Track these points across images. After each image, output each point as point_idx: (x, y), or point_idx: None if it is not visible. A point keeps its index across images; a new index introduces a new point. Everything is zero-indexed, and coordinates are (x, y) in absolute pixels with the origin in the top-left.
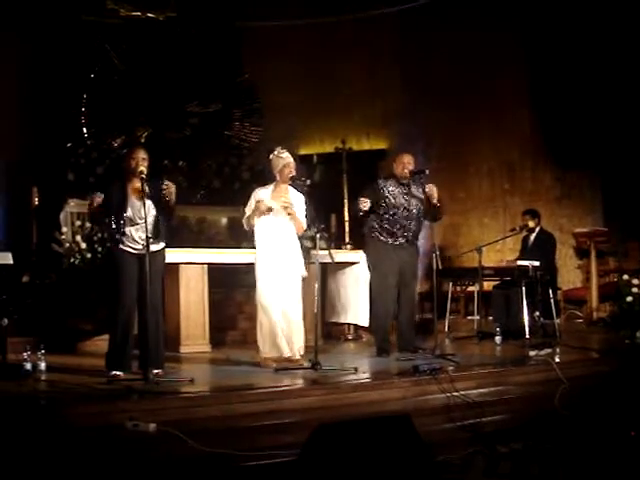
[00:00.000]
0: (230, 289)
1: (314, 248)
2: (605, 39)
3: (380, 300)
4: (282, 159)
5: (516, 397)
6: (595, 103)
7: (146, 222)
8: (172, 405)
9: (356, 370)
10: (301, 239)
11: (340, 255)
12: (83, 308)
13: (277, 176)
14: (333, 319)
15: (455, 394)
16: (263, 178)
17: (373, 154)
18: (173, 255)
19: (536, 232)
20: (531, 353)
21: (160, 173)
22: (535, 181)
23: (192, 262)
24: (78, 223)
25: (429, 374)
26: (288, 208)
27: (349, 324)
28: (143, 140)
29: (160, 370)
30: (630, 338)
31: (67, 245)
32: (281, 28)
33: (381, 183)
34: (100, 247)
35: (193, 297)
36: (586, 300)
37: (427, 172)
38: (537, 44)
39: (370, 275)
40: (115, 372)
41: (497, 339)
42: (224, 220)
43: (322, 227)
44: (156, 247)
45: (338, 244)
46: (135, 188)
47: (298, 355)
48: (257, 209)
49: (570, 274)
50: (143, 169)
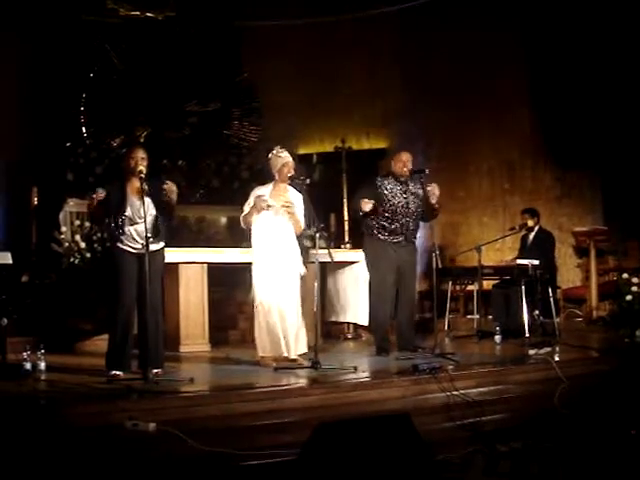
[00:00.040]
0: (230, 288)
1: (313, 247)
2: (605, 39)
3: (379, 299)
4: (281, 158)
5: (516, 396)
6: (595, 103)
7: (145, 221)
8: (172, 404)
9: (356, 369)
10: (301, 238)
11: (339, 254)
12: (83, 308)
13: (276, 175)
14: (333, 318)
15: (455, 393)
16: (262, 177)
17: (373, 153)
18: (173, 255)
19: (535, 231)
20: (531, 352)
21: (159, 172)
22: (535, 180)
23: (192, 262)
24: (77, 223)
25: (429, 373)
26: (289, 207)
27: (349, 323)
28: (142, 140)
29: (160, 370)
30: (630, 337)
31: (66, 245)
32: (280, 27)
33: (379, 181)
34: (100, 247)
35: (193, 297)
36: (586, 299)
37: (427, 171)
38: (537, 44)
39: (369, 274)
40: (115, 372)
41: (497, 338)
42: (223, 219)
43: (322, 226)
44: (156, 246)
45: (338, 243)
46: (134, 187)
47: (295, 355)
48: (255, 205)
49: (570, 273)
50: (142, 169)
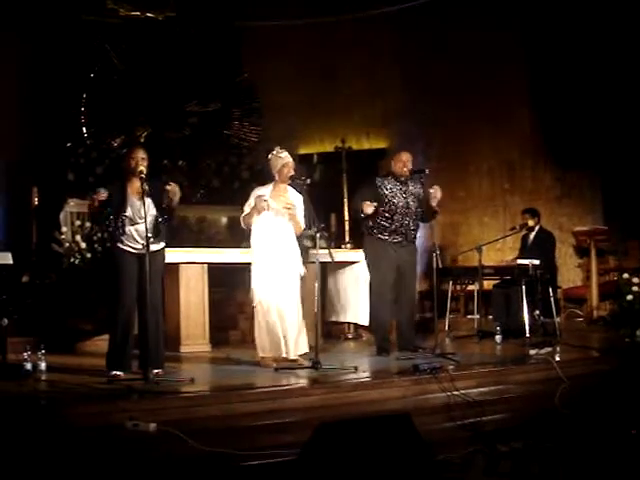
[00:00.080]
0: (230, 289)
1: (314, 247)
2: (605, 39)
3: (380, 299)
4: (281, 159)
5: (516, 396)
6: (595, 103)
7: (146, 222)
8: (172, 405)
9: (356, 369)
10: (301, 238)
11: (340, 254)
12: (83, 308)
13: (276, 176)
14: (333, 318)
15: (455, 393)
16: (262, 177)
17: (373, 153)
18: (173, 255)
19: (535, 231)
20: (531, 352)
21: (160, 173)
22: (535, 180)
23: (192, 262)
24: (78, 223)
25: (429, 373)
26: (291, 209)
27: (349, 323)
28: (142, 140)
29: (160, 370)
30: (630, 337)
31: (67, 245)
32: (281, 28)
33: (379, 181)
34: (100, 247)
35: (193, 297)
36: (586, 299)
37: (427, 171)
38: (537, 44)
39: (369, 274)
40: (115, 372)
41: (497, 338)
42: (224, 219)
43: (322, 226)
44: (156, 247)
45: (338, 243)
46: (135, 188)
47: (295, 355)
48: (256, 206)
49: (570, 273)
50: (142, 169)
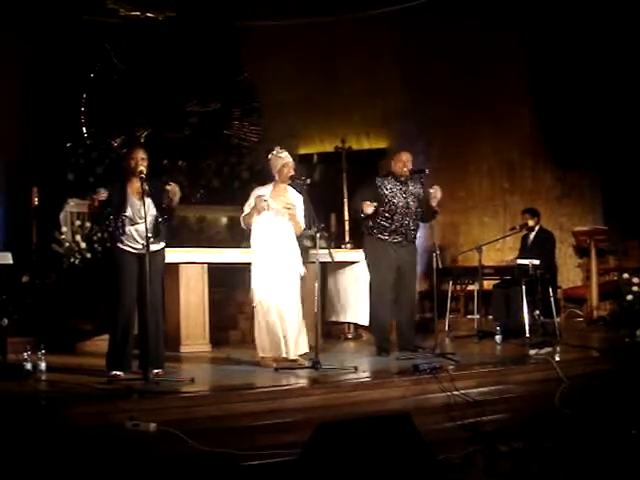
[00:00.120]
0: (230, 289)
1: (314, 247)
2: (605, 39)
3: (380, 299)
4: (281, 159)
5: (516, 396)
6: (595, 103)
7: (146, 222)
8: (172, 405)
9: (356, 369)
10: (301, 238)
11: (340, 254)
12: (83, 308)
13: (276, 176)
14: (333, 318)
15: (455, 393)
16: (262, 177)
17: (373, 153)
18: (173, 255)
19: (535, 231)
20: (531, 352)
21: (160, 173)
22: (535, 180)
23: (192, 262)
24: (78, 223)
25: (429, 373)
26: (291, 209)
27: (349, 323)
28: (143, 140)
29: (160, 370)
30: (630, 337)
31: (67, 245)
32: (280, 27)
33: (379, 181)
34: (100, 247)
35: (193, 297)
36: (586, 299)
37: (427, 171)
38: (538, 44)
39: (369, 274)
40: (115, 372)
41: (497, 338)
42: (224, 219)
43: (322, 226)
44: (156, 247)
45: (338, 243)
46: (135, 188)
47: (295, 355)
48: (256, 206)
49: (570, 273)
50: (142, 169)
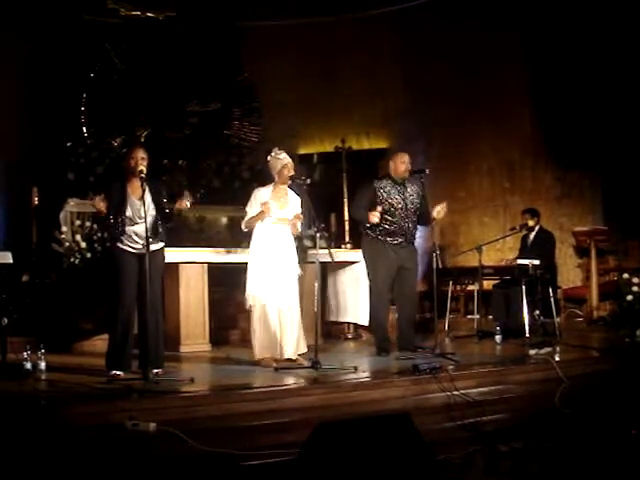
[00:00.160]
0: (230, 288)
1: (314, 247)
2: (605, 39)
3: (379, 299)
4: (280, 160)
5: (516, 396)
6: (596, 103)
7: (146, 222)
8: (172, 404)
9: (356, 369)
10: (301, 239)
11: (340, 254)
12: (83, 307)
13: (276, 177)
14: (333, 318)
15: (455, 393)
16: (263, 177)
17: (373, 153)
18: (173, 254)
19: (536, 231)
20: (531, 352)
21: (160, 173)
22: (535, 180)
23: (192, 261)
24: (78, 222)
25: (429, 373)
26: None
27: (349, 323)
28: (143, 139)
29: (160, 369)
30: (630, 337)
31: (67, 245)
32: (280, 27)
33: (376, 184)
34: (100, 246)
35: (193, 296)
36: (586, 299)
37: (427, 171)
38: (538, 44)
39: (369, 274)
40: (115, 372)
41: (497, 338)
42: (224, 219)
43: (322, 226)
44: (155, 246)
45: (338, 243)
46: (135, 188)
47: (294, 355)
48: (262, 212)
49: (570, 273)
50: (143, 168)
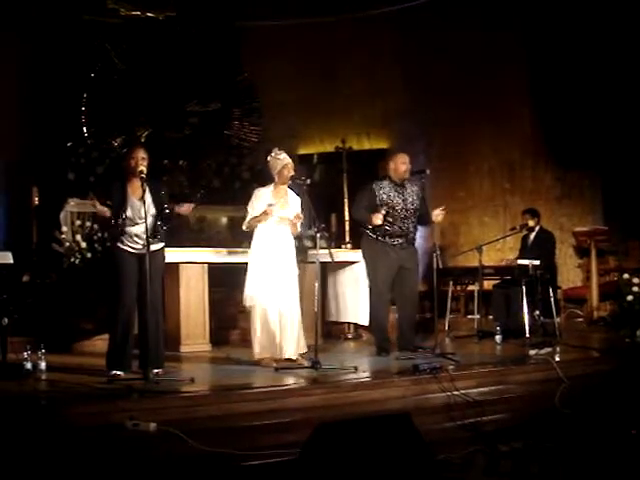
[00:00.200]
0: (230, 288)
1: (314, 248)
2: (605, 39)
3: (379, 299)
4: (280, 160)
5: (516, 396)
6: (596, 103)
7: (146, 222)
8: (172, 404)
9: (356, 369)
10: (301, 239)
11: (340, 254)
12: (83, 308)
13: (276, 177)
14: (333, 318)
15: (455, 393)
16: (263, 177)
17: (373, 154)
18: (173, 254)
19: (536, 231)
20: (531, 352)
21: (160, 173)
22: (535, 180)
23: (192, 261)
24: (78, 222)
25: (429, 373)
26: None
27: (349, 323)
28: (143, 139)
29: (160, 369)
30: (630, 337)
31: (67, 245)
32: (280, 27)
33: (376, 186)
34: (100, 246)
35: (193, 296)
36: (586, 299)
37: (427, 172)
38: (538, 44)
39: (368, 274)
40: (115, 372)
41: (497, 338)
42: (224, 219)
43: (322, 226)
44: (155, 247)
45: (338, 243)
46: (135, 188)
47: (294, 355)
48: (265, 214)
49: (570, 273)
50: (143, 168)
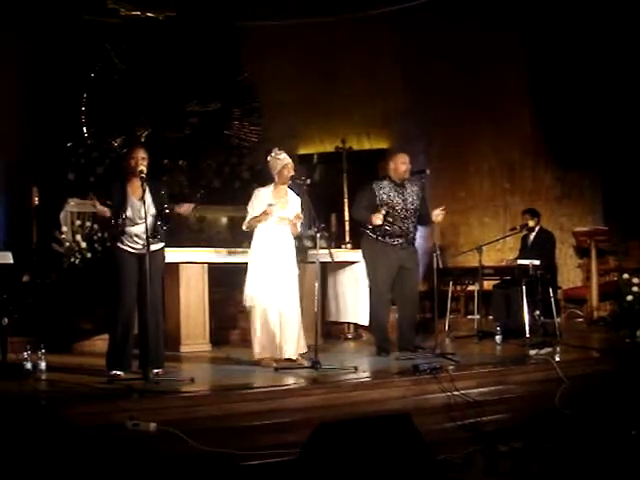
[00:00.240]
0: (230, 288)
1: (314, 248)
2: (605, 39)
3: (379, 299)
4: (280, 160)
5: (516, 396)
6: (596, 103)
7: (146, 222)
8: (172, 404)
9: (356, 369)
10: (301, 238)
11: (340, 254)
12: (83, 307)
13: (276, 177)
14: (333, 318)
15: (455, 393)
16: (263, 177)
17: (373, 154)
18: (173, 254)
19: (536, 231)
20: (531, 352)
21: (160, 173)
22: (535, 180)
23: (192, 261)
24: (78, 222)
25: (429, 373)
26: (297, 223)
27: (349, 323)
28: (143, 139)
29: (160, 369)
30: (630, 337)
31: (67, 245)
32: (280, 27)
33: (376, 186)
34: (100, 246)
35: (193, 296)
36: (586, 299)
37: (428, 172)
38: (538, 44)
39: (368, 275)
40: (115, 371)
41: (497, 338)
42: (224, 219)
43: (322, 226)
44: (156, 247)
45: (338, 243)
46: (135, 188)
47: (294, 355)
48: (266, 213)
49: (570, 273)
50: (143, 168)
